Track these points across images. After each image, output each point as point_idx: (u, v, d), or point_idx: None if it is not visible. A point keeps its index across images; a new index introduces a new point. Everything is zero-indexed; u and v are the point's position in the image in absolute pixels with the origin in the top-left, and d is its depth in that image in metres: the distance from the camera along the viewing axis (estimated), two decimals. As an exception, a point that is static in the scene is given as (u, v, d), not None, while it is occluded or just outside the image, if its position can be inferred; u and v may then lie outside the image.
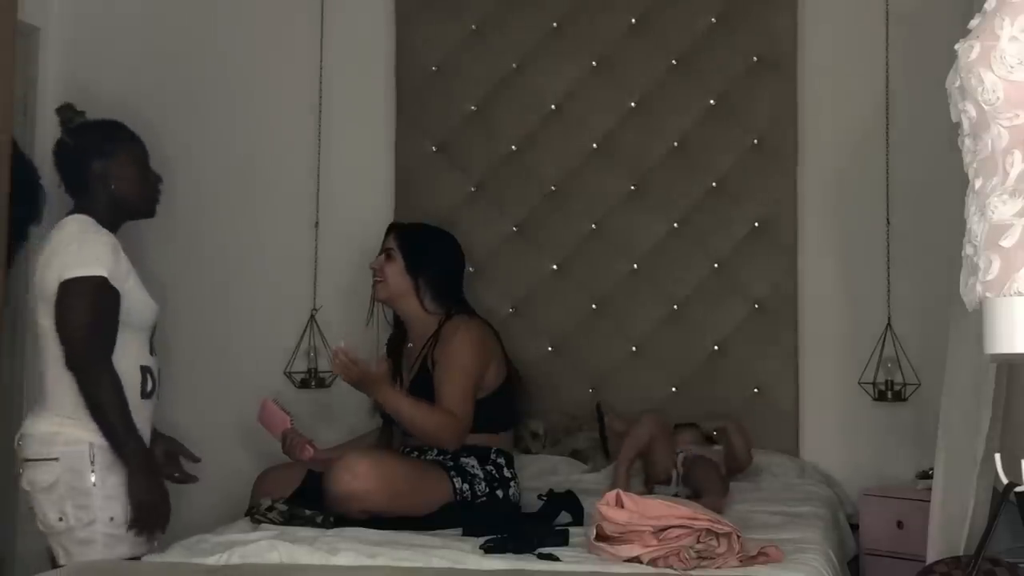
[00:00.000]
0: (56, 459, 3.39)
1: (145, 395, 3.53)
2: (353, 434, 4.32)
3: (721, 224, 4.61)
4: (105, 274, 3.41)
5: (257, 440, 4.50)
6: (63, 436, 3.40)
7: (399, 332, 4.13)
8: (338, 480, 3.50)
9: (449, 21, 4.82)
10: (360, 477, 3.49)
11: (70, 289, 3.39)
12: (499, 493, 3.78)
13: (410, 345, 4.05)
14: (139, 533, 3.42)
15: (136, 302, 3.52)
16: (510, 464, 3.89)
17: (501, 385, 3.95)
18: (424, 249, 4.03)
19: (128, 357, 3.48)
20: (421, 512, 3.56)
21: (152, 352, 3.61)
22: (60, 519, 3.38)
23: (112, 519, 3.39)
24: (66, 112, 3.65)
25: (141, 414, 3.50)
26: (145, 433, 3.52)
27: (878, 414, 4.47)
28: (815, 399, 4.55)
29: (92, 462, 3.38)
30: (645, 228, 4.66)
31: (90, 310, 3.39)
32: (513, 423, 4.09)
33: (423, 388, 3.86)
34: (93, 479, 3.38)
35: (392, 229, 4.11)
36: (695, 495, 3.83)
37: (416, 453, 3.85)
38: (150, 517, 3.42)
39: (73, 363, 3.39)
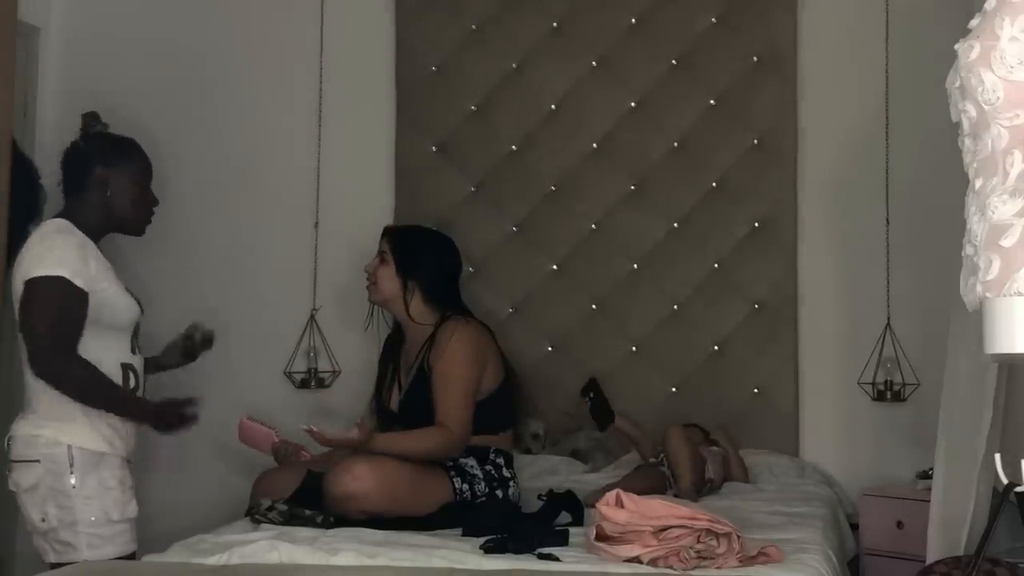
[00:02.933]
0: (37, 461, 3.43)
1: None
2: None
3: (721, 224, 4.61)
4: (66, 274, 3.42)
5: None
6: (43, 438, 3.43)
7: (397, 334, 4.12)
8: (337, 482, 3.50)
9: (449, 21, 4.82)
10: (359, 479, 3.49)
11: (30, 289, 3.43)
12: (499, 493, 3.78)
13: (406, 346, 4.05)
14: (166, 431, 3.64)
15: (112, 302, 3.54)
16: (509, 464, 3.89)
17: (499, 386, 3.95)
18: (416, 252, 4.01)
19: (109, 355, 3.51)
20: (421, 512, 3.56)
21: (134, 351, 3.63)
22: (43, 520, 3.42)
23: (94, 520, 3.42)
24: (89, 119, 3.71)
25: None
26: (132, 430, 3.58)
27: (878, 414, 4.47)
28: (815, 399, 4.55)
29: (71, 464, 3.40)
30: (645, 228, 4.66)
31: (50, 310, 3.41)
32: (512, 423, 4.09)
33: (420, 391, 3.86)
34: (73, 481, 3.41)
35: (386, 232, 4.11)
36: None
37: None
38: (173, 423, 3.62)
39: (34, 362, 3.42)
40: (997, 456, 2.18)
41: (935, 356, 3.57)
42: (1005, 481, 2.18)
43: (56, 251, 3.46)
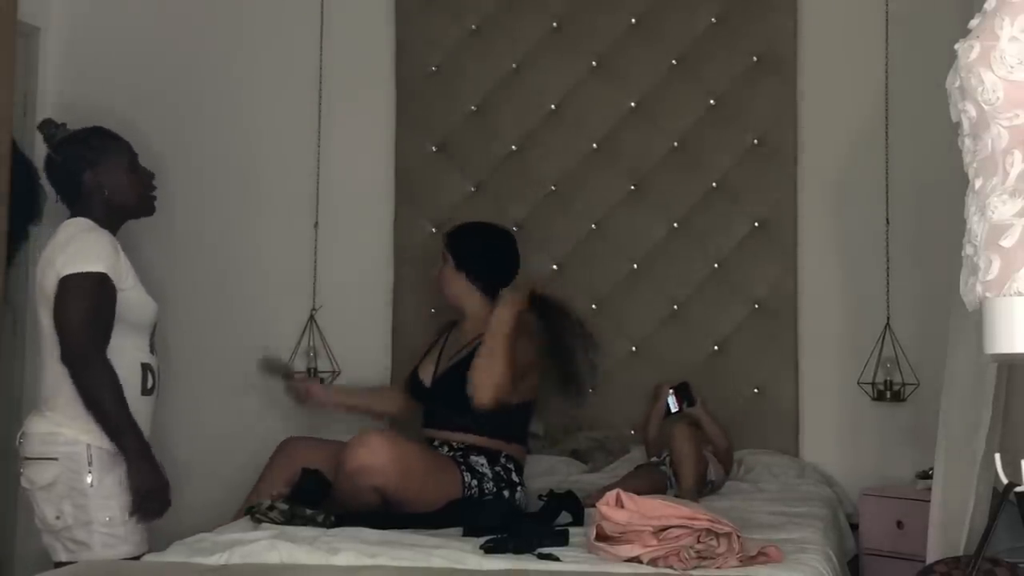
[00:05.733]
0: (55, 459, 3.41)
1: (146, 392, 3.55)
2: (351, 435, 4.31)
3: (721, 224, 4.61)
4: (105, 270, 3.42)
5: (256, 439, 4.49)
6: (62, 436, 3.41)
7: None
8: (353, 455, 3.52)
9: (449, 21, 4.82)
10: (375, 452, 3.51)
11: (69, 284, 3.41)
12: (505, 494, 3.80)
13: (462, 331, 4.10)
14: (140, 520, 3.44)
15: (136, 301, 3.54)
16: (519, 471, 3.91)
17: (532, 401, 4.02)
18: (472, 251, 4.10)
19: (129, 355, 3.49)
20: (428, 499, 3.57)
21: (152, 351, 3.62)
22: (57, 517, 3.40)
23: (109, 519, 3.41)
24: (47, 128, 3.65)
25: (142, 411, 3.51)
26: (146, 430, 3.53)
27: (878, 414, 4.47)
28: (815, 399, 4.55)
29: (90, 463, 3.39)
30: (645, 228, 4.66)
31: (88, 305, 3.40)
32: (526, 441, 4.11)
33: (465, 370, 3.88)
34: (90, 480, 3.39)
35: (445, 235, 4.22)
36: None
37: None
38: (151, 504, 3.44)
39: (69, 357, 3.40)
40: (997, 456, 2.18)
41: (935, 356, 3.58)
42: (1005, 481, 2.18)
43: (94, 247, 3.45)
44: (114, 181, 3.59)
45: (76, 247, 3.45)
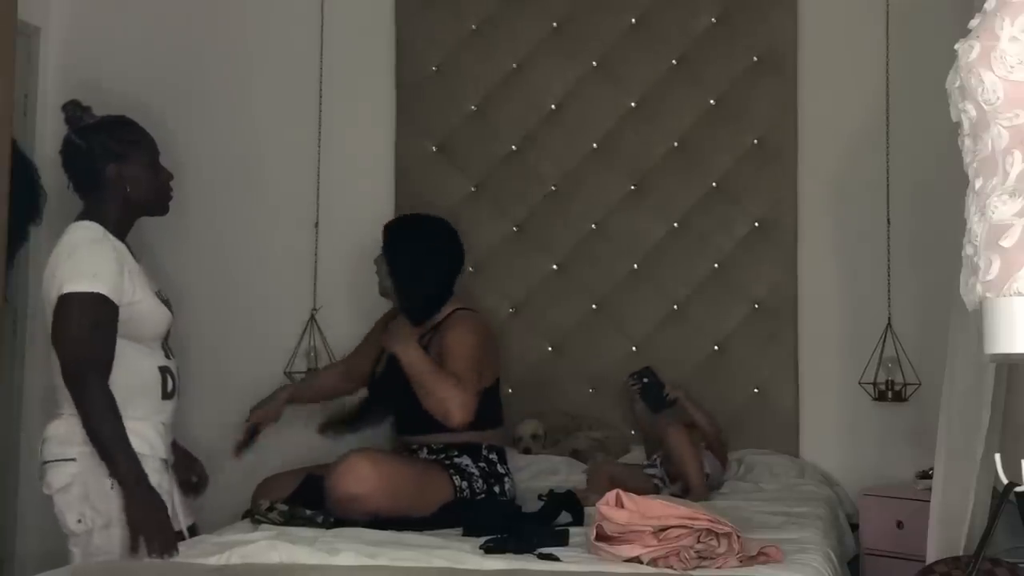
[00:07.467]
0: (73, 459, 3.28)
1: (166, 396, 3.45)
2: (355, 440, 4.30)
3: (721, 224, 4.61)
4: (104, 291, 3.28)
5: (257, 440, 4.49)
6: (81, 436, 3.27)
7: (395, 315, 4.11)
8: (340, 484, 3.50)
9: (449, 21, 4.82)
10: (362, 480, 3.49)
11: (65, 304, 3.27)
12: (496, 489, 3.79)
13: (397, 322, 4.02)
14: (145, 554, 3.19)
15: (146, 313, 3.42)
16: (503, 460, 3.90)
17: (494, 383, 3.96)
18: (405, 247, 3.99)
19: (144, 362, 3.40)
20: (422, 512, 3.56)
21: (168, 355, 3.52)
22: (79, 521, 3.27)
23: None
24: (72, 109, 3.52)
25: (163, 414, 3.42)
26: (169, 434, 3.46)
27: (878, 414, 4.47)
28: (815, 399, 4.55)
29: None
30: (645, 228, 4.66)
31: (84, 327, 3.26)
32: (501, 421, 4.08)
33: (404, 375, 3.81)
34: (111, 481, 3.24)
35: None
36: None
37: (406, 453, 3.87)
38: (150, 536, 3.18)
39: (66, 378, 3.27)
40: (997, 456, 2.18)
41: (936, 356, 3.58)
42: (1005, 481, 2.18)
43: (95, 264, 3.31)
44: (135, 176, 3.47)
45: (77, 260, 3.31)
